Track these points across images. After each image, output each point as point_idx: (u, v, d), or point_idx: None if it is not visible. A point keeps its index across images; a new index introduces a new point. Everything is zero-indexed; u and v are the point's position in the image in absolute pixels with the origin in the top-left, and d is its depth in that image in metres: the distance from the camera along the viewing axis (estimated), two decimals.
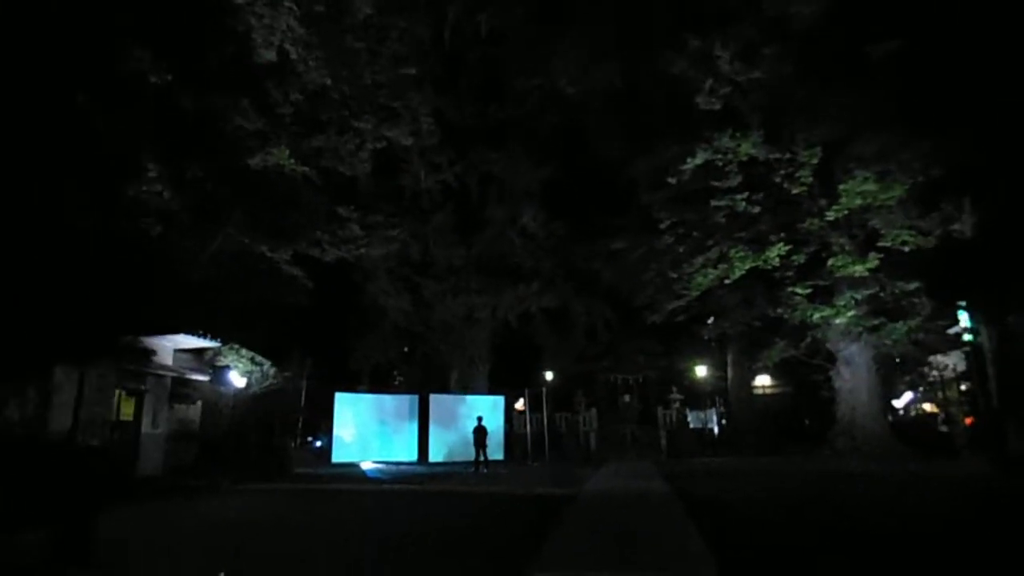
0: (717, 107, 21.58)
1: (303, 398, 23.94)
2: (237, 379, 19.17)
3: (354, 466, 25.51)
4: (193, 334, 18.29)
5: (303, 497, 15.03)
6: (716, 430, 35.48)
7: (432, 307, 28.20)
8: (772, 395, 39.22)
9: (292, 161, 22.11)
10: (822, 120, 19.02)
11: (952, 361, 28.99)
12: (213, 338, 19.48)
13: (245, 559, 7.72)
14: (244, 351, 19.58)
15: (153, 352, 17.16)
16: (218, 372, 19.17)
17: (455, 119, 27.83)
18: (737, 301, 26.18)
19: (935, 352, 26.21)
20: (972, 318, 22.31)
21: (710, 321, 29.28)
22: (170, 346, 18.77)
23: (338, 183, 25.38)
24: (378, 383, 34.90)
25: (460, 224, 28.65)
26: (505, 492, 15.78)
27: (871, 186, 19.42)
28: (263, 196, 23.57)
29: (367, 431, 26.47)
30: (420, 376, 34.44)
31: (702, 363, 35.73)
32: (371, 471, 24.44)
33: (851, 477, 17.89)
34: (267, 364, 20.30)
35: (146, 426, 17.83)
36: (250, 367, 19.58)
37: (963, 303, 21.63)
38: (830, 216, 20.33)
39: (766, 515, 10.69)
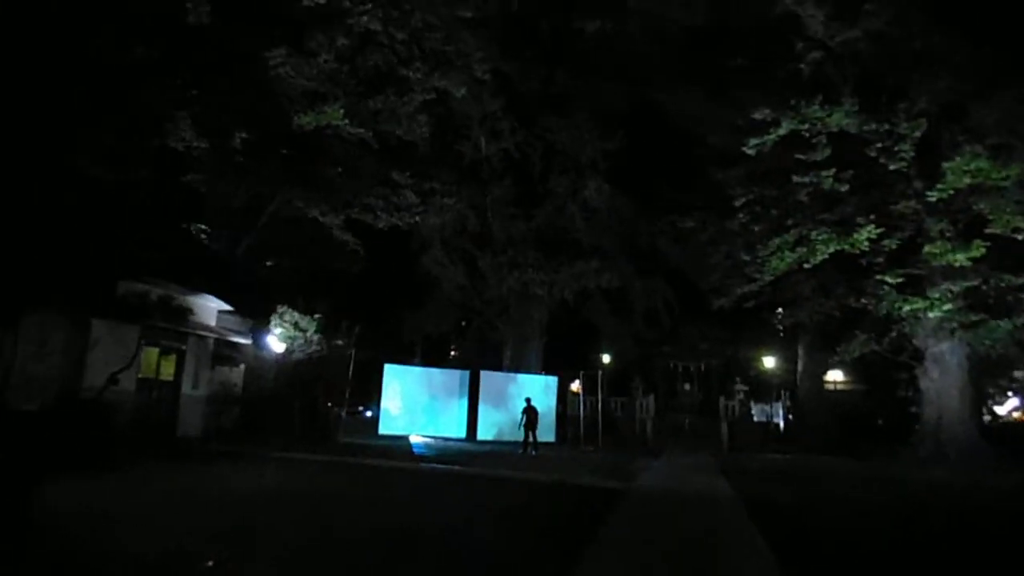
0: (806, 73, 19.27)
1: (351, 367, 22.98)
2: (276, 344, 18.24)
3: (402, 439, 24.58)
4: (223, 298, 17.44)
5: (338, 471, 13.94)
6: (781, 425, 33.09)
7: (487, 280, 26.79)
8: (844, 392, 36.45)
9: (346, 122, 20.89)
10: (939, 75, 16.45)
11: None
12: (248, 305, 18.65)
13: (236, 542, 6.48)
14: (288, 316, 18.61)
15: (190, 311, 16.30)
16: (258, 335, 18.29)
17: (519, 85, 26.14)
18: (813, 289, 23.79)
19: None
20: None
21: (779, 311, 26.93)
22: (213, 307, 17.98)
23: (395, 147, 24.12)
24: (433, 356, 33.95)
25: (520, 196, 27.08)
26: (550, 481, 14.32)
27: (983, 163, 16.83)
28: (316, 158, 22.61)
29: (415, 404, 25.44)
30: (474, 352, 33.27)
31: (769, 354, 33.31)
32: (417, 445, 23.45)
33: (945, 490, 15.67)
34: (312, 330, 19.30)
35: (186, 387, 17.12)
36: (293, 332, 18.62)
37: None
38: (932, 197, 17.80)
39: (860, 543, 8.82)
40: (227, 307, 18.14)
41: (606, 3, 26.12)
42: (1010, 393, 24.65)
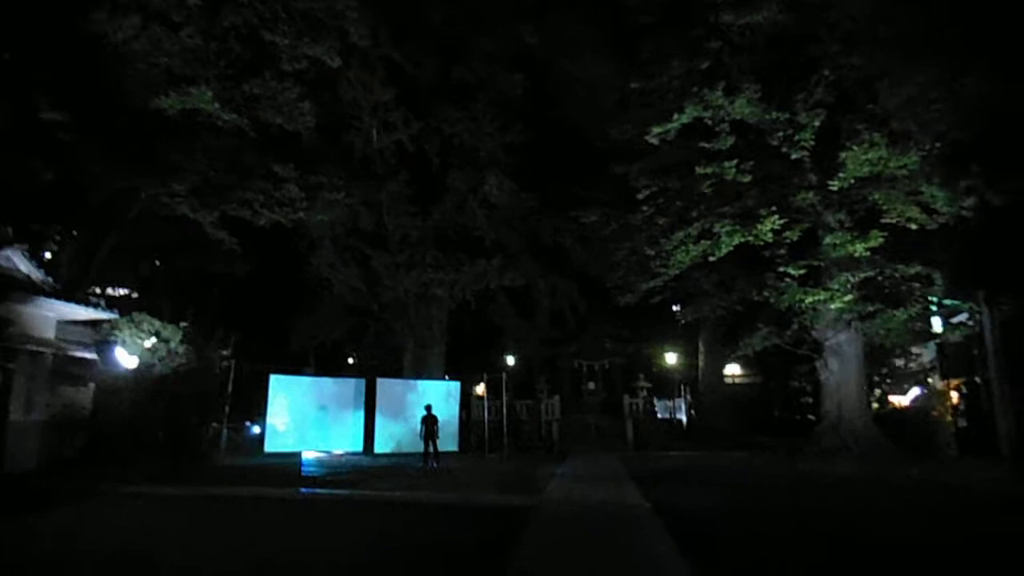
0: (703, 66, 18.41)
1: (231, 379, 20.35)
2: (125, 357, 15.46)
3: (292, 456, 22.08)
4: (77, 302, 14.59)
5: (197, 509, 11.54)
6: (684, 420, 32.70)
7: (383, 282, 24.61)
8: (741, 385, 36.68)
9: (217, 106, 18.32)
10: (857, 47, 15.80)
11: (923, 353, 26.74)
12: (107, 308, 15.81)
13: None
14: (147, 324, 15.87)
15: (10, 322, 13.38)
16: (102, 348, 15.45)
17: (413, 74, 24.22)
18: (715, 284, 23.17)
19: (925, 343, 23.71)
20: (975, 304, 19.74)
21: (676, 308, 26.27)
22: (51, 316, 15.02)
23: (278, 138, 21.68)
24: (329, 365, 31.32)
25: (417, 192, 25.10)
26: (450, 502, 12.53)
27: (881, 152, 16.43)
28: (183, 147, 19.84)
29: (304, 418, 22.96)
30: (372, 358, 30.98)
31: (672, 350, 32.86)
32: (308, 463, 21.11)
33: (855, 484, 15.05)
34: (176, 340, 16.60)
35: (16, 412, 14.11)
36: (151, 343, 15.87)
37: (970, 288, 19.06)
38: (833, 186, 17.31)
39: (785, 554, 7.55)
40: (73, 316, 15.23)
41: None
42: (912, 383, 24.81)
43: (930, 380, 25.39)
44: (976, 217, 17.19)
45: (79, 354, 15.46)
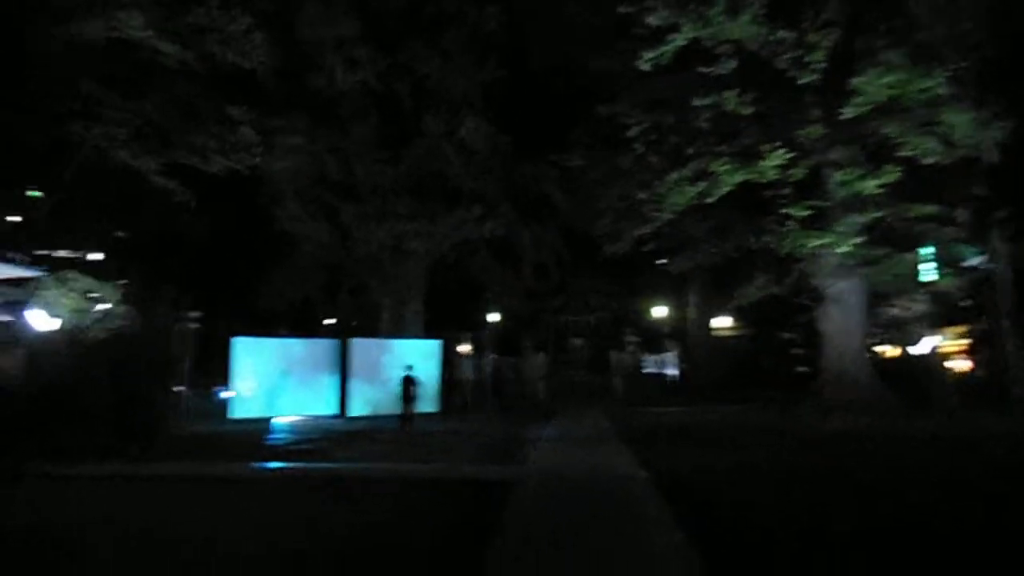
0: None
1: (190, 341, 18.36)
2: (42, 318, 13.30)
3: (262, 422, 20.23)
4: None
5: (120, 494, 9.60)
6: (675, 375, 31.15)
7: (354, 235, 22.42)
8: (731, 337, 35.06)
9: (149, 34, 15.83)
10: None
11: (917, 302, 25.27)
12: (31, 264, 13.61)
13: None
14: (78, 283, 13.69)
15: None
16: (14, 308, 13.30)
17: (377, 6, 21.63)
18: (708, 231, 21.23)
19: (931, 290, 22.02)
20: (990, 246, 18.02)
21: (663, 262, 24.40)
22: None
23: (231, 77, 19.19)
24: (304, 326, 29.25)
25: (387, 137, 22.74)
26: (416, 475, 10.72)
27: (902, 73, 14.34)
28: (120, 86, 17.37)
29: (273, 382, 20.97)
30: (349, 319, 29.00)
31: (660, 303, 31.10)
32: (279, 428, 19.33)
33: (869, 441, 13.41)
34: (114, 299, 14.46)
35: None
36: (81, 303, 13.72)
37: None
38: (848, 113, 15.24)
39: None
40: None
41: None
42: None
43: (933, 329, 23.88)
44: (1001, 149, 15.28)
45: (3, 317, 13.31)
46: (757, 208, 18.15)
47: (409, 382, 18.69)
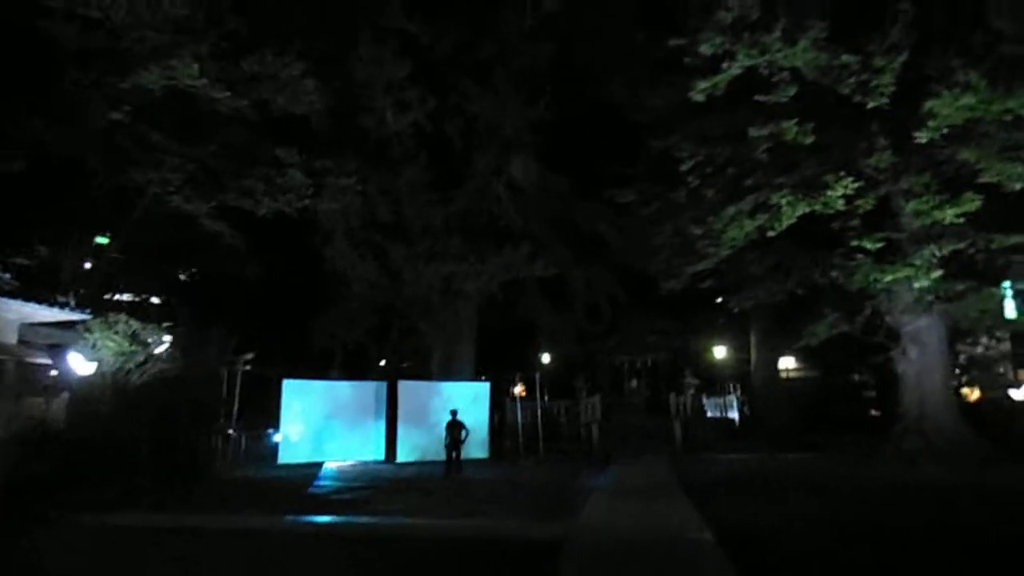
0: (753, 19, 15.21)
1: (238, 384, 18.24)
2: (81, 362, 13.16)
3: (311, 467, 19.81)
4: (39, 302, 12.40)
5: (139, 548, 9.10)
6: (737, 419, 29.37)
7: (403, 276, 22.08)
8: (797, 379, 33.06)
9: (204, 82, 16.05)
10: None
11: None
12: (78, 307, 13.62)
13: None
14: (124, 326, 13.61)
15: None
16: (60, 352, 13.23)
17: (428, 47, 21.65)
18: (770, 267, 19.98)
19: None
20: None
21: (722, 300, 23.15)
22: (13, 318, 12.86)
23: (281, 122, 19.39)
24: (355, 368, 28.99)
25: (437, 177, 22.52)
26: (456, 532, 9.87)
27: (981, 94, 13.13)
28: (176, 132, 17.71)
29: (321, 426, 20.60)
30: (400, 360, 28.60)
31: (720, 343, 29.59)
32: (327, 474, 18.84)
33: (966, 494, 11.84)
34: (160, 342, 14.33)
35: None
36: (126, 346, 13.59)
37: None
38: (921, 138, 14.04)
39: None
40: (36, 318, 13.08)
41: None
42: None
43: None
44: None
45: (43, 360, 13.30)
46: (823, 242, 16.95)
47: (454, 426, 17.95)
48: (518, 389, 26.49)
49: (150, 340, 13.92)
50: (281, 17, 18.84)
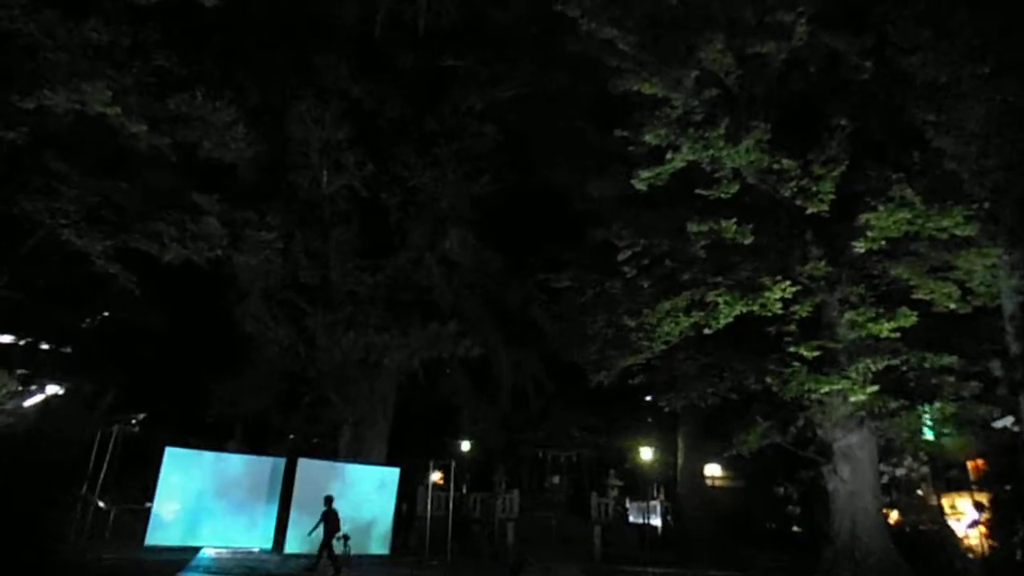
0: (698, 117, 15.00)
1: (111, 447, 15.77)
2: None
3: (187, 552, 17.08)
4: None
5: None
6: (659, 527, 27.74)
7: (318, 342, 20.23)
8: (722, 488, 31.89)
9: (118, 111, 14.58)
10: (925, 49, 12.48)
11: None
12: None
13: None
14: None
15: None
16: None
17: (372, 112, 20.86)
18: (703, 366, 19.15)
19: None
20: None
21: (650, 398, 22.25)
22: None
23: (207, 168, 17.91)
24: (257, 440, 26.20)
25: (369, 244, 21.19)
26: None
27: (917, 210, 12.95)
28: (81, 162, 15.98)
29: (202, 504, 18.00)
30: (307, 436, 26.07)
31: (647, 444, 28.29)
32: (202, 562, 16.23)
33: None
34: (12, 393, 12.05)
35: None
36: None
37: None
38: (859, 247, 13.71)
39: None
40: None
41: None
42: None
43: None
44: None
45: None
46: (758, 346, 16.22)
47: (330, 518, 15.58)
48: (435, 477, 24.34)
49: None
50: (221, 61, 17.79)
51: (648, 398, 22.80)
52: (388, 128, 21.24)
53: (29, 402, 12.90)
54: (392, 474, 20.28)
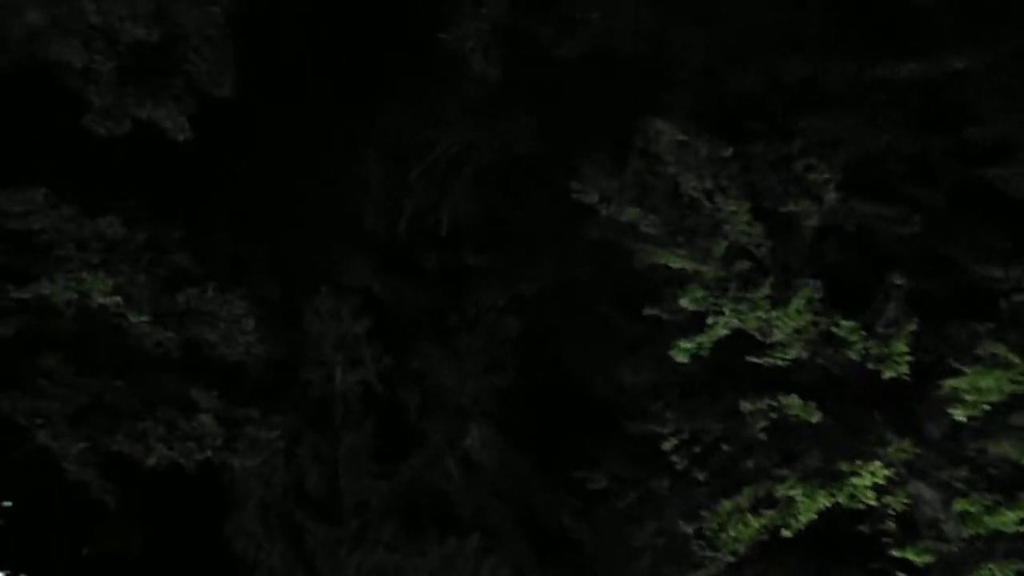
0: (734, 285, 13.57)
1: None
2: None
3: None
4: None
5: None
6: None
7: (316, 564, 16.96)
8: None
9: (118, 300, 13.55)
10: None
11: None
12: None
13: None
14: None
15: None
16: None
17: (392, 307, 19.88)
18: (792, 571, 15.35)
19: None
20: None
21: None
22: None
23: (207, 362, 16.46)
24: None
25: (383, 447, 18.83)
26: None
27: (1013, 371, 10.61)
28: (72, 357, 14.63)
29: None
30: None
31: None
32: None
33: None
34: None
35: None
36: None
37: None
38: (959, 416, 11.11)
39: None
40: None
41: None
42: None
43: None
44: None
45: None
46: (850, 552, 12.82)
47: None
48: None
49: None
50: (234, 256, 17.28)
51: None
52: (408, 322, 20.09)
53: None
54: None
